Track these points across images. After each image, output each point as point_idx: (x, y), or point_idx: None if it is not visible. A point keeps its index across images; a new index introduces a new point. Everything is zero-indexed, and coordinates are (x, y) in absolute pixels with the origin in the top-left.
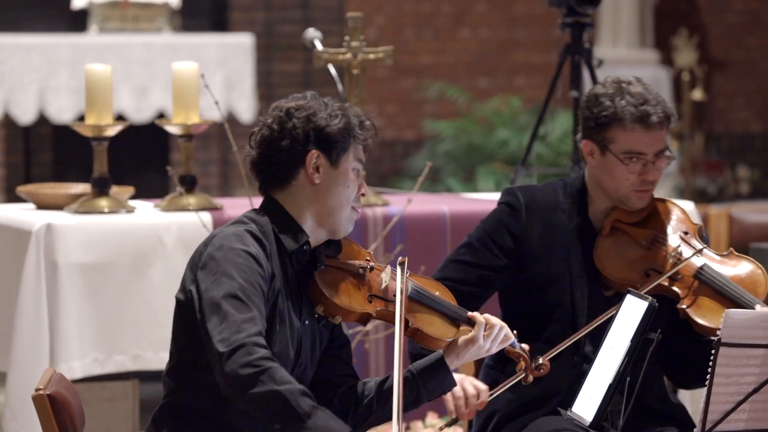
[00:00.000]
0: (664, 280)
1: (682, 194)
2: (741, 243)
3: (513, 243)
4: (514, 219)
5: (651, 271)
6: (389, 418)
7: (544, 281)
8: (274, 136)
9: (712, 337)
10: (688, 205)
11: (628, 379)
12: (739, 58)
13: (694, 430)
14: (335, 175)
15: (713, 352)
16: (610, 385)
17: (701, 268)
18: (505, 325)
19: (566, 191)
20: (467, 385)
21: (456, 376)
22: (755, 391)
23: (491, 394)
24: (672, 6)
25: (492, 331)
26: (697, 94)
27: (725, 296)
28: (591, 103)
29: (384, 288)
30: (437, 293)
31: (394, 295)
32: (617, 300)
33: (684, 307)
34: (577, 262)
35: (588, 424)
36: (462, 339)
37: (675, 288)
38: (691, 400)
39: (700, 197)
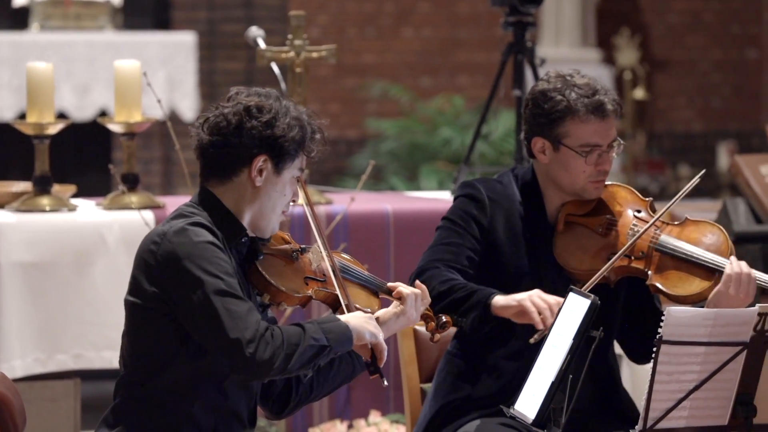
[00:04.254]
0: (624, 261)
1: None
2: None
3: (480, 234)
4: (480, 210)
5: (612, 255)
6: (328, 393)
7: (515, 275)
8: (229, 130)
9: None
10: None
11: (571, 376)
12: (680, 57)
13: (636, 427)
14: (276, 181)
15: (654, 350)
16: (553, 383)
17: (658, 239)
18: (424, 290)
19: (518, 184)
20: (538, 299)
21: (523, 294)
22: (696, 388)
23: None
24: (614, 5)
25: (419, 301)
26: (639, 94)
27: (690, 262)
28: (539, 99)
29: (315, 268)
30: (357, 267)
31: (324, 274)
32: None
33: (654, 282)
34: (543, 256)
35: (531, 422)
36: (391, 312)
37: (637, 266)
38: (632, 395)
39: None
